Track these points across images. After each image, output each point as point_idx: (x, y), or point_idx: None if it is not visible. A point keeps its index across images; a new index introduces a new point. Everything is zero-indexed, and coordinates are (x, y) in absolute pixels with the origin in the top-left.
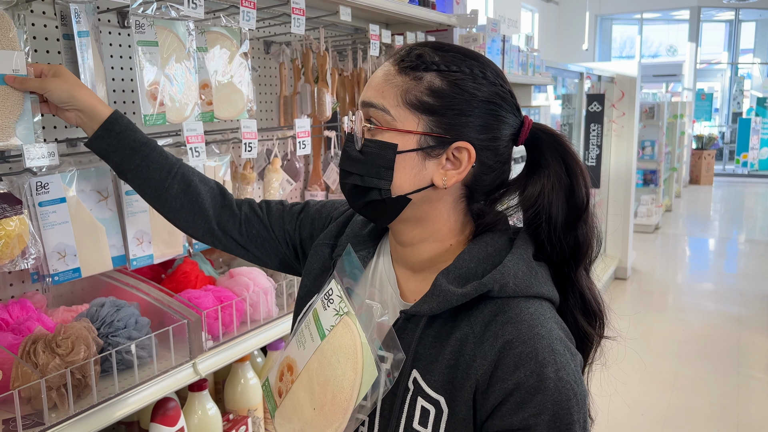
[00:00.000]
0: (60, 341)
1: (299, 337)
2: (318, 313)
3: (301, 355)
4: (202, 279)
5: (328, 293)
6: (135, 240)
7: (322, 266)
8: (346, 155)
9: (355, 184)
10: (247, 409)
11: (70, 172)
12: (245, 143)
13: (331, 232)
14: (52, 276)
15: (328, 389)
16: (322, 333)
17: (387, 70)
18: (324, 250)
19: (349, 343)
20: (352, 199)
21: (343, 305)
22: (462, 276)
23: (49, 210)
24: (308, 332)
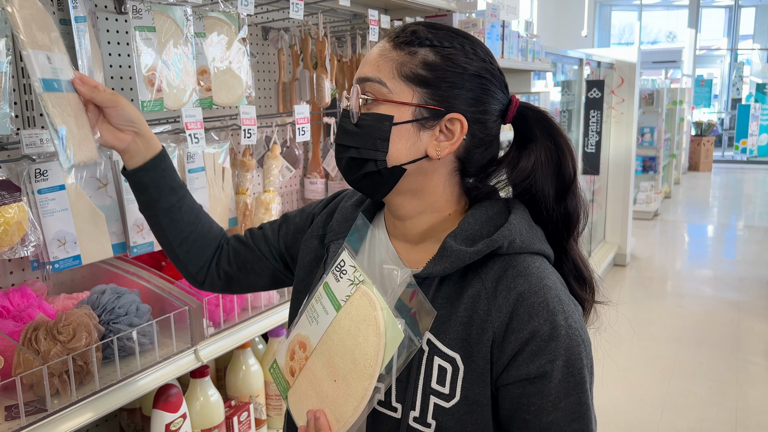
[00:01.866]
0: (61, 328)
1: (310, 313)
2: (330, 286)
3: (314, 330)
4: None
5: (340, 265)
6: (135, 227)
7: (315, 257)
8: (342, 130)
9: (351, 157)
10: (249, 395)
11: None
12: (244, 130)
13: (318, 224)
14: (53, 263)
15: (349, 358)
16: (336, 304)
17: (382, 46)
18: (313, 242)
19: (368, 311)
20: (348, 173)
21: (357, 274)
22: (469, 237)
23: (48, 197)
24: (320, 306)
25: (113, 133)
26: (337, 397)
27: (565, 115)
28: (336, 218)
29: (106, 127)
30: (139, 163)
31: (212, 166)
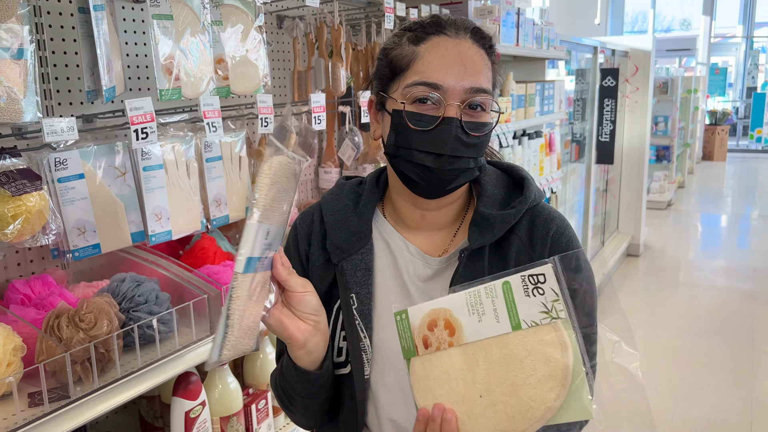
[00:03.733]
0: (83, 315)
1: (473, 300)
2: (513, 292)
3: (472, 323)
4: (220, 255)
5: (536, 278)
6: (153, 216)
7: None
8: (461, 143)
9: (467, 167)
10: (266, 383)
11: (89, 147)
12: (261, 118)
13: (315, 254)
14: (72, 252)
15: (509, 388)
16: (515, 321)
17: (476, 50)
18: (318, 272)
19: (557, 359)
20: (453, 181)
21: (559, 306)
22: (497, 202)
23: (68, 186)
24: (490, 305)
25: (295, 323)
26: (477, 413)
27: (579, 104)
28: (335, 236)
29: (288, 315)
30: (317, 361)
31: (229, 155)
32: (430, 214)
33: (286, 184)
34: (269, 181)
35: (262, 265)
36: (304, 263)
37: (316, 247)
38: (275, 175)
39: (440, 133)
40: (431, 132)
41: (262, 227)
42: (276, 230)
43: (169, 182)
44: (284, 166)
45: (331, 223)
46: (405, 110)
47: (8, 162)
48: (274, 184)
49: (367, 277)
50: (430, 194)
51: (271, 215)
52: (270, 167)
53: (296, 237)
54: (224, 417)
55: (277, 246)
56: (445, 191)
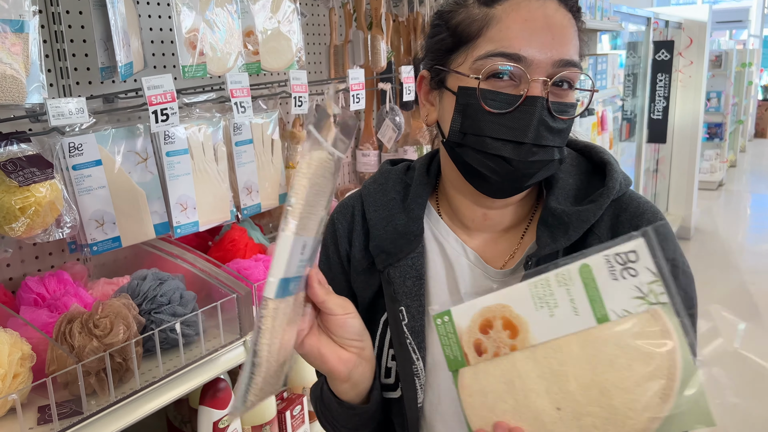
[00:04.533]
0: (98, 321)
1: (540, 291)
2: (596, 278)
3: (541, 320)
4: (251, 247)
5: (626, 257)
6: (178, 206)
7: (372, 293)
8: (546, 128)
9: (551, 159)
10: (302, 387)
11: (106, 131)
12: (295, 97)
13: (357, 257)
14: (90, 246)
15: (597, 394)
16: (599, 312)
17: (563, 14)
18: (361, 278)
19: (661, 354)
20: (536, 176)
21: (658, 289)
22: (572, 195)
23: (83, 173)
24: (565, 295)
25: (335, 353)
26: (555, 430)
27: (630, 79)
28: (380, 237)
29: (326, 344)
30: (363, 393)
31: (260, 137)
32: (494, 213)
33: (323, 185)
34: (308, 182)
35: (298, 286)
36: (346, 267)
37: (358, 249)
38: (314, 175)
39: (522, 116)
40: (510, 115)
41: (299, 240)
42: (313, 243)
43: (195, 168)
44: (323, 163)
45: (375, 221)
46: (479, 87)
47: (16, 148)
48: (312, 186)
49: (418, 287)
50: (501, 192)
51: (308, 224)
52: (309, 165)
53: (335, 235)
54: (256, 426)
55: (313, 261)
56: (521, 188)
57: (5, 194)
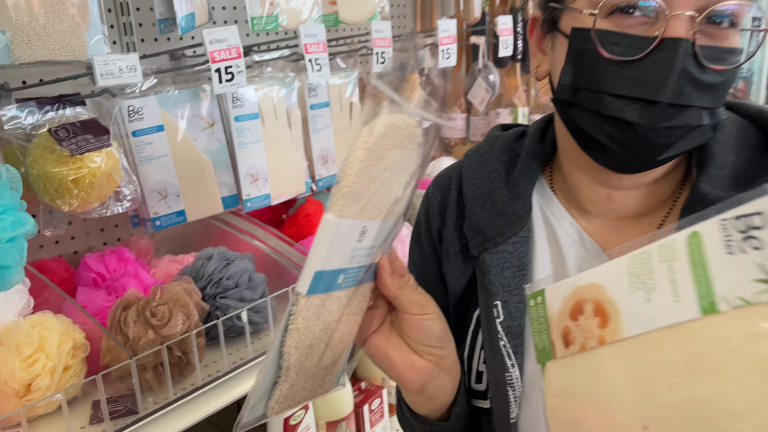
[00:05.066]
0: (155, 309)
1: (638, 269)
2: (705, 252)
3: (634, 306)
4: None
5: (749, 221)
6: (248, 176)
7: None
8: (692, 83)
9: (698, 124)
10: (382, 377)
11: (168, 92)
12: (377, 53)
13: (450, 239)
14: (153, 220)
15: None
16: (706, 299)
17: None
18: (454, 264)
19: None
20: (675, 147)
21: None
22: (730, 177)
23: (144, 141)
24: (665, 274)
25: (407, 359)
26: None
27: None
28: (476, 216)
29: (397, 347)
30: (441, 408)
31: (338, 100)
32: (622, 194)
33: (399, 158)
34: (365, 154)
35: (359, 277)
36: (437, 248)
37: (451, 228)
38: (378, 145)
39: (655, 66)
40: (639, 64)
41: (352, 225)
42: (380, 228)
43: (267, 135)
44: (398, 131)
45: (471, 197)
46: (595, 28)
47: (69, 112)
48: (377, 159)
49: (518, 279)
50: (626, 166)
51: (370, 206)
52: (371, 133)
53: (428, 211)
54: (331, 422)
55: (385, 248)
56: (653, 162)
57: (56, 165)
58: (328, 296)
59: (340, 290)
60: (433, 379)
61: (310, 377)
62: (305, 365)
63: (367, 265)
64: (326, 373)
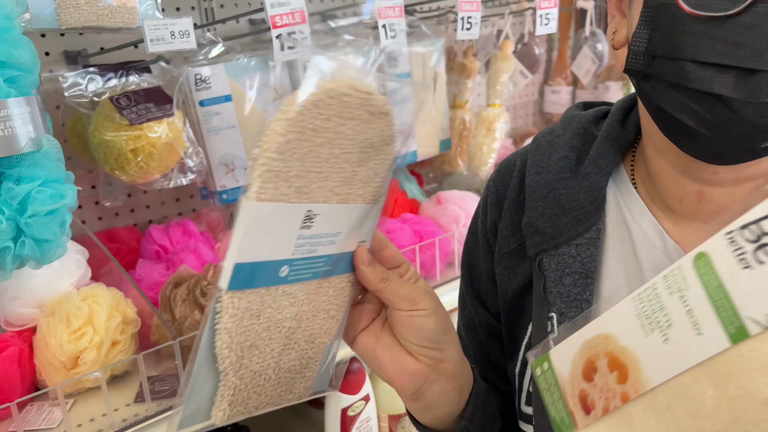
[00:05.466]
0: (205, 288)
1: (647, 307)
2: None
3: (652, 349)
4: (401, 204)
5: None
6: None
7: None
8: None
9: None
10: None
11: (238, 60)
12: (463, 17)
13: (505, 234)
14: (220, 194)
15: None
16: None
17: None
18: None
19: None
20: None
21: None
22: None
23: (211, 111)
24: (679, 306)
25: (397, 360)
26: None
27: None
28: (535, 210)
29: (386, 346)
30: (445, 419)
31: (421, 70)
32: (717, 192)
33: (352, 131)
34: (286, 127)
35: (305, 271)
36: (492, 244)
37: (508, 223)
38: (308, 116)
39: (753, 26)
40: (734, 21)
41: (271, 209)
42: (340, 212)
43: None
44: (341, 98)
45: (533, 187)
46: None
47: (134, 79)
48: (308, 132)
49: (581, 288)
50: (720, 155)
51: (310, 187)
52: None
53: (485, 201)
54: (394, 416)
55: (363, 236)
56: (754, 150)
57: (116, 133)
58: (267, 291)
59: (288, 284)
60: (430, 385)
61: (267, 382)
62: (251, 368)
63: (334, 255)
64: (294, 377)
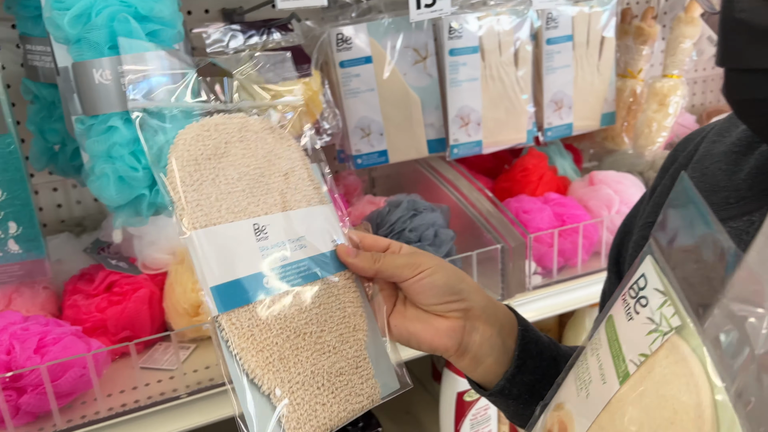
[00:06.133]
0: None
1: (580, 370)
2: (617, 328)
3: (580, 405)
4: (547, 181)
5: (636, 288)
6: (458, 119)
7: None
8: None
9: None
10: None
11: (381, 19)
12: None
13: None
14: (355, 158)
15: None
16: (621, 369)
17: None
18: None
19: (684, 402)
20: None
21: (668, 311)
22: None
23: (351, 72)
24: (596, 362)
25: (430, 327)
26: None
27: None
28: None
29: (415, 318)
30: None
31: (585, 34)
32: None
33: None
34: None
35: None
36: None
37: (666, 189)
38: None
39: None
40: None
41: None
42: (293, 218)
43: (486, 73)
44: (218, 128)
45: (696, 159)
46: None
47: (276, 37)
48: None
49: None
50: None
51: (240, 205)
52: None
53: (659, 172)
54: None
55: (335, 234)
56: None
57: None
58: (263, 304)
59: (281, 293)
60: (469, 336)
61: (322, 390)
62: (295, 380)
63: (311, 257)
64: (350, 380)
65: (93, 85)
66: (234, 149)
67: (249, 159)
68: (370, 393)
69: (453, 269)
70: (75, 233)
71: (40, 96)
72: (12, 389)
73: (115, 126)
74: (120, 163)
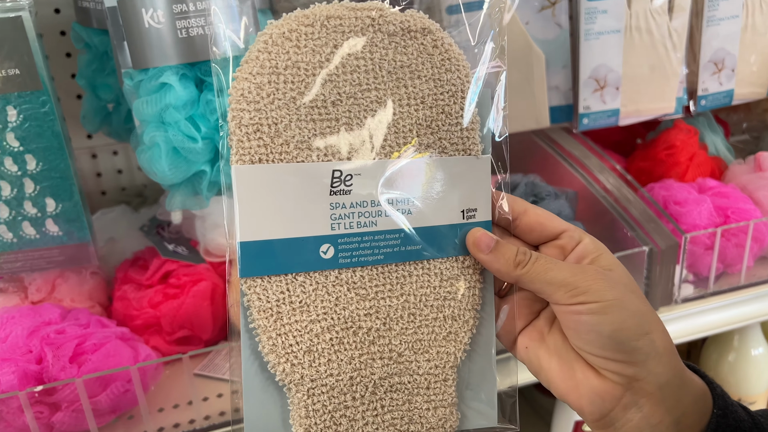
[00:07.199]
0: None
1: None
2: None
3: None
4: (700, 162)
5: None
6: (592, 82)
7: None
8: None
9: None
10: (739, 397)
11: None
12: None
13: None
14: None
15: None
16: None
17: None
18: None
19: None
20: None
21: None
22: None
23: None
24: None
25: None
26: None
27: None
28: None
29: (557, 355)
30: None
31: None
32: None
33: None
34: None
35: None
36: None
37: None
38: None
39: None
40: None
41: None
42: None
43: (630, 25)
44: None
45: None
46: None
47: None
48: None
49: None
50: None
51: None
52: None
53: None
54: None
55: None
56: None
57: None
58: (309, 278)
59: (343, 269)
60: (625, 411)
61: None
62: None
63: (414, 229)
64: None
65: (142, 30)
66: (343, 58)
67: (363, 75)
68: (436, 423)
69: (639, 313)
70: (134, 205)
71: (92, 45)
72: (43, 405)
73: (169, 83)
74: (174, 131)
